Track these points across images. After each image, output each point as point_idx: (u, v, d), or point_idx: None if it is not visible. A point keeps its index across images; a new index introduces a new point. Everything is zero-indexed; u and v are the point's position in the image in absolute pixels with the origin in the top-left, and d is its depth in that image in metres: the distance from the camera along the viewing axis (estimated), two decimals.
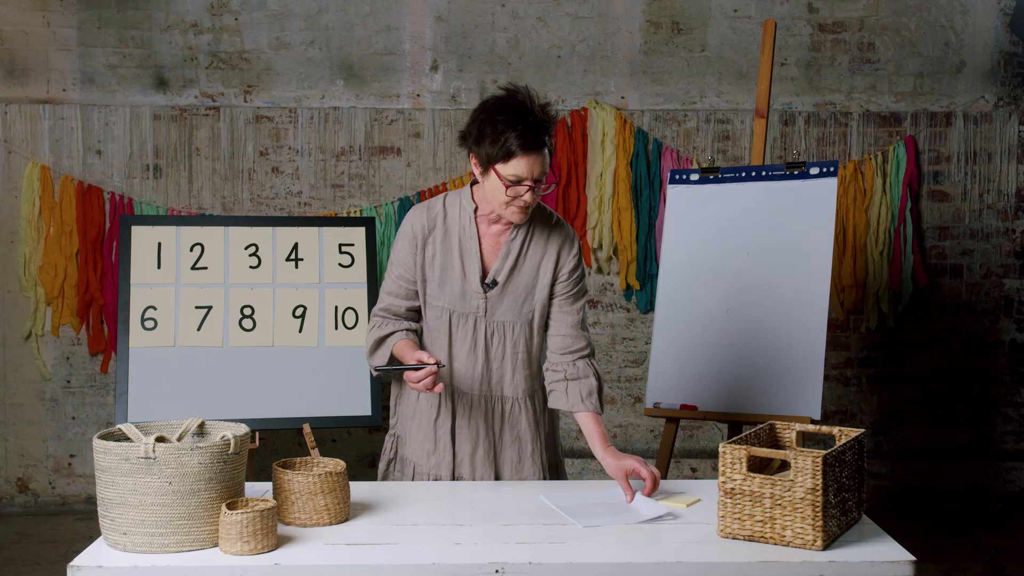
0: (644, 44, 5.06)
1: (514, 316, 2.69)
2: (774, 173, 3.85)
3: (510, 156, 2.46)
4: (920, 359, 5.14)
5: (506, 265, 2.66)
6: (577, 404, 2.66)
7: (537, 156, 2.47)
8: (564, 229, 2.73)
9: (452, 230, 2.67)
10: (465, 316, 2.69)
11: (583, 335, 2.71)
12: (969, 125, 5.08)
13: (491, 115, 2.49)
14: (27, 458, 5.05)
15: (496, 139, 2.46)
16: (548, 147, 2.51)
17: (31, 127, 4.96)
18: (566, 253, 2.70)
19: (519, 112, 2.47)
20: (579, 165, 5.02)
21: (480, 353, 2.70)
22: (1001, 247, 5.12)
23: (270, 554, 2.06)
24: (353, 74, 5.03)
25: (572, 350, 2.70)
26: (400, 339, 2.69)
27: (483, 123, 2.50)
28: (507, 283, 2.67)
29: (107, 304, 4.93)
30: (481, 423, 2.73)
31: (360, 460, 5.09)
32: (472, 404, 2.73)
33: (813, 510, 2.05)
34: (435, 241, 2.67)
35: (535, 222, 2.69)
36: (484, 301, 2.67)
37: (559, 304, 2.71)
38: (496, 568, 2.01)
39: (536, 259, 2.68)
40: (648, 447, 5.15)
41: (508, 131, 2.45)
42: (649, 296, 5.04)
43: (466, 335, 2.70)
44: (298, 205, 5.03)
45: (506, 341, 2.71)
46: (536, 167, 2.48)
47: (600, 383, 2.70)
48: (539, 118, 2.48)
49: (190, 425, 2.26)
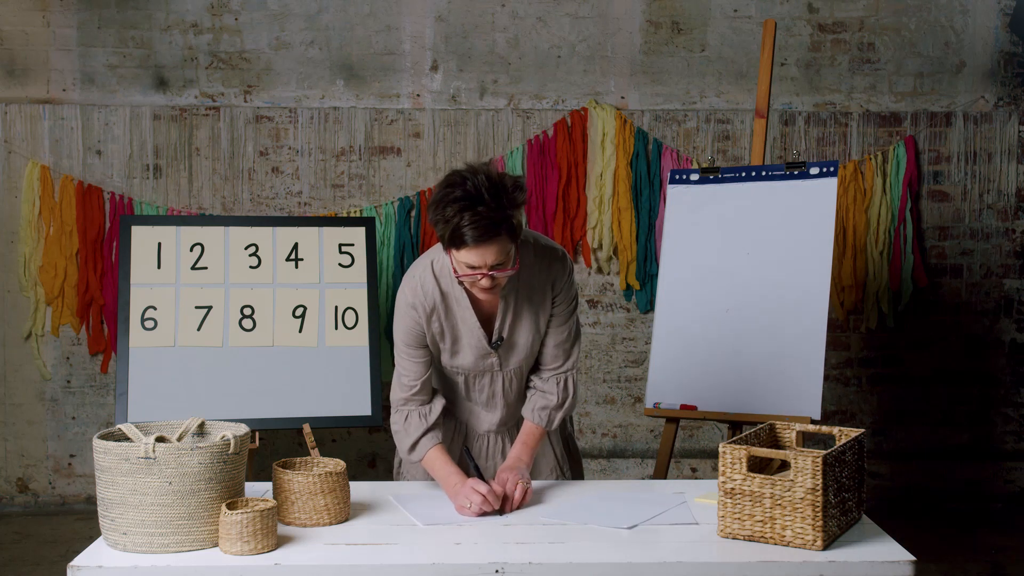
0: (644, 44, 5.06)
1: (526, 355, 2.67)
2: (774, 173, 3.85)
3: (461, 245, 2.33)
4: (920, 359, 5.14)
5: (508, 320, 2.60)
6: (527, 412, 2.67)
7: (490, 246, 2.33)
8: (552, 256, 2.61)
9: (450, 301, 2.58)
10: (480, 374, 2.67)
11: (564, 351, 2.67)
12: (969, 125, 5.08)
13: (443, 200, 2.32)
14: (27, 458, 5.05)
15: (448, 227, 2.32)
16: (509, 230, 2.35)
17: (31, 127, 4.96)
18: (559, 281, 2.62)
19: (471, 200, 2.29)
20: (579, 165, 5.02)
21: (499, 401, 2.71)
22: (1001, 247, 5.12)
23: (270, 554, 2.06)
24: (353, 74, 5.03)
25: (550, 367, 2.69)
26: (433, 449, 2.60)
27: (436, 206, 2.34)
28: (513, 334, 2.62)
29: (107, 304, 4.93)
30: (499, 458, 2.77)
31: (360, 460, 5.09)
32: (489, 441, 2.77)
33: (813, 510, 2.05)
34: (439, 318, 2.58)
35: (523, 263, 2.57)
36: (496, 358, 2.64)
37: (552, 323, 2.66)
38: (496, 568, 2.01)
39: (536, 301, 2.61)
40: (648, 447, 5.15)
41: (459, 220, 2.29)
42: (649, 296, 5.04)
43: (483, 388, 2.70)
44: (298, 205, 5.03)
45: (522, 378, 2.72)
46: (490, 256, 2.34)
47: (563, 403, 2.67)
48: (491, 207, 2.29)
49: (190, 425, 2.26)
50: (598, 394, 5.14)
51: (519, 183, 2.38)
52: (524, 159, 5.01)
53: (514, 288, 2.58)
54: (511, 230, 2.36)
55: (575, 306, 2.68)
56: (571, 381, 2.69)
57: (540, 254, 2.60)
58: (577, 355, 2.70)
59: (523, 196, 2.37)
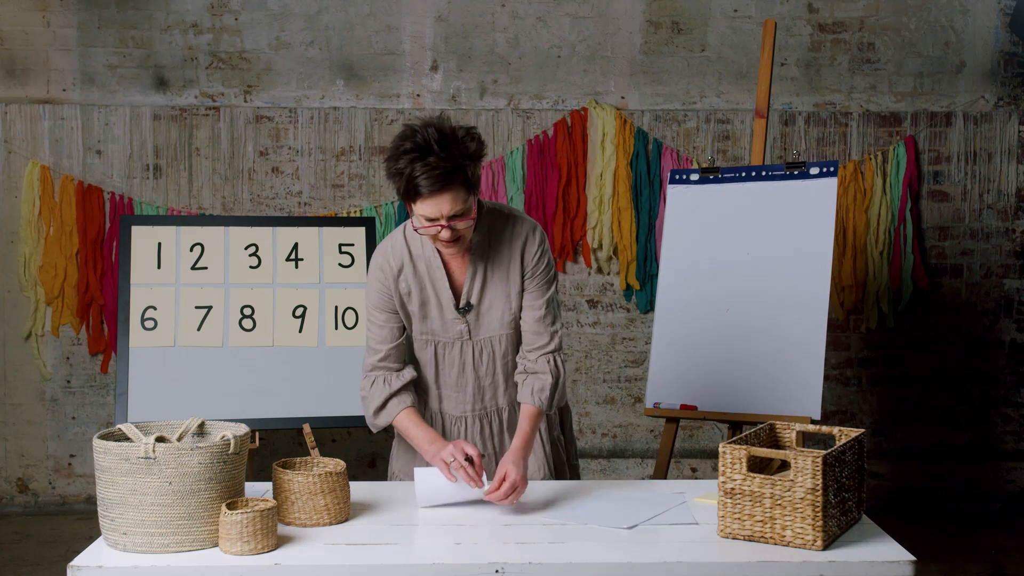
0: (644, 44, 5.06)
1: (498, 329, 2.66)
2: (774, 173, 3.85)
3: (416, 197, 2.39)
4: (920, 359, 5.14)
5: (476, 285, 2.62)
6: (527, 397, 2.62)
7: (444, 195, 2.38)
8: (523, 225, 2.63)
9: (419, 263, 2.62)
10: (450, 343, 2.66)
11: (547, 330, 2.64)
12: (969, 125, 5.08)
13: (395, 154, 2.40)
14: (27, 458, 5.05)
15: (401, 179, 2.39)
16: (464, 181, 2.40)
17: (31, 127, 4.96)
18: (529, 249, 2.62)
19: (421, 151, 2.36)
20: (579, 165, 5.02)
21: (469, 375, 2.68)
22: (1001, 247, 5.12)
23: (270, 554, 2.06)
24: (353, 74, 5.03)
25: (535, 347, 2.65)
26: (404, 411, 2.62)
27: (389, 160, 2.41)
28: (481, 301, 2.63)
29: (107, 304, 4.93)
30: (478, 442, 2.72)
31: (360, 460, 5.09)
32: (466, 426, 2.73)
33: (813, 510, 2.05)
34: (407, 279, 2.62)
35: (493, 230, 2.61)
36: (465, 325, 2.64)
37: (526, 299, 2.65)
38: (496, 568, 2.01)
39: (503, 268, 2.62)
40: (648, 447, 5.15)
41: (410, 171, 2.36)
42: (649, 296, 5.04)
43: (453, 361, 2.67)
44: (298, 205, 5.03)
45: (495, 356, 2.68)
46: (445, 206, 2.39)
47: (557, 381, 2.64)
48: (441, 157, 2.35)
49: (190, 425, 2.26)
50: (598, 394, 5.14)
51: (472, 133, 2.44)
52: (524, 159, 5.01)
53: (483, 255, 2.61)
54: (466, 180, 2.41)
55: (552, 279, 2.67)
56: (560, 360, 2.66)
57: (510, 222, 2.63)
58: (561, 334, 2.68)
59: (475, 146, 2.43)
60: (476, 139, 2.44)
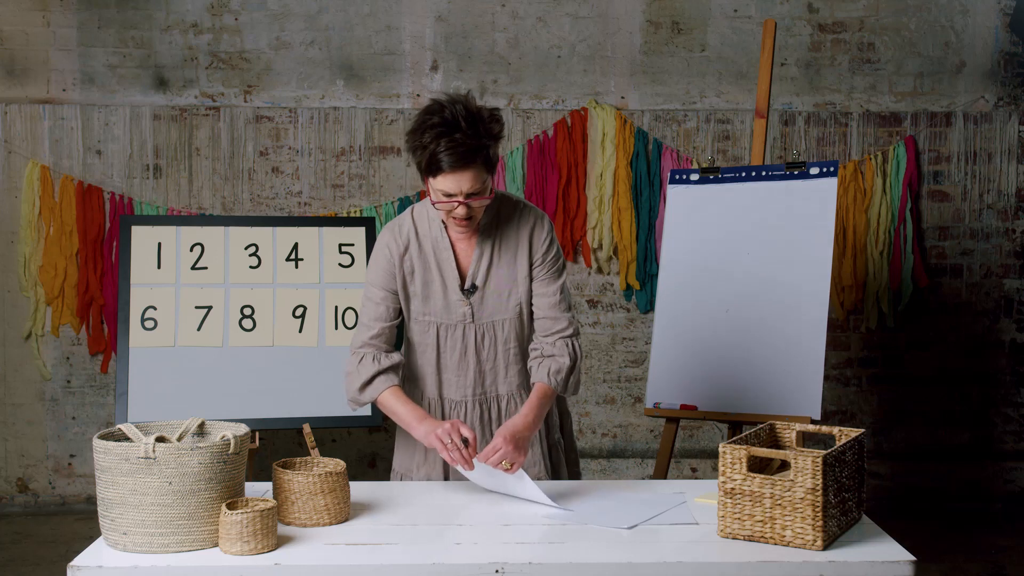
0: (644, 44, 5.06)
1: (502, 314, 2.67)
2: (774, 173, 3.85)
3: (438, 172, 2.43)
4: (920, 359, 5.14)
5: (482, 267, 2.64)
6: (543, 377, 2.61)
7: (465, 173, 2.42)
8: (531, 212, 2.67)
9: (425, 243, 2.64)
10: (452, 326, 2.66)
11: (564, 315, 2.66)
12: (969, 125, 5.08)
13: (420, 128, 2.44)
14: (27, 458, 5.05)
15: (424, 153, 2.43)
16: (485, 160, 2.45)
17: (31, 127, 4.96)
18: (537, 236, 2.65)
19: (448, 127, 2.40)
20: (579, 165, 5.02)
21: (471, 359, 2.68)
22: (1001, 247, 5.12)
23: (270, 554, 2.06)
24: (353, 74, 5.03)
25: (553, 331, 2.65)
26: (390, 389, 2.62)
27: (413, 133, 2.45)
28: (487, 284, 2.65)
29: (107, 304, 4.93)
30: (476, 428, 2.71)
31: (360, 460, 5.09)
32: (466, 411, 2.72)
33: (813, 510, 2.05)
34: (411, 257, 2.63)
35: (501, 215, 2.65)
36: (469, 307, 2.65)
37: (537, 286, 2.66)
38: (496, 568, 2.01)
39: (511, 251, 2.65)
40: (648, 447, 5.15)
41: (435, 147, 2.40)
42: (649, 296, 5.04)
43: (455, 344, 2.67)
44: (298, 205, 5.04)
45: (497, 341, 2.68)
46: (465, 183, 2.43)
47: (575, 364, 2.65)
48: (467, 134, 2.40)
49: (190, 425, 2.26)
50: (598, 394, 5.14)
51: (496, 115, 2.49)
52: (524, 159, 5.01)
53: (491, 238, 2.63)
54: (487, 160, 2.46)
55: (562, 267, 2.70)
56: (577, 344, 2.68)
57: (518, 208, 2.67)
58: (576, 321, 2.70)
59: (499, 127, 2.48)
60: (499, 121, 2.50)
